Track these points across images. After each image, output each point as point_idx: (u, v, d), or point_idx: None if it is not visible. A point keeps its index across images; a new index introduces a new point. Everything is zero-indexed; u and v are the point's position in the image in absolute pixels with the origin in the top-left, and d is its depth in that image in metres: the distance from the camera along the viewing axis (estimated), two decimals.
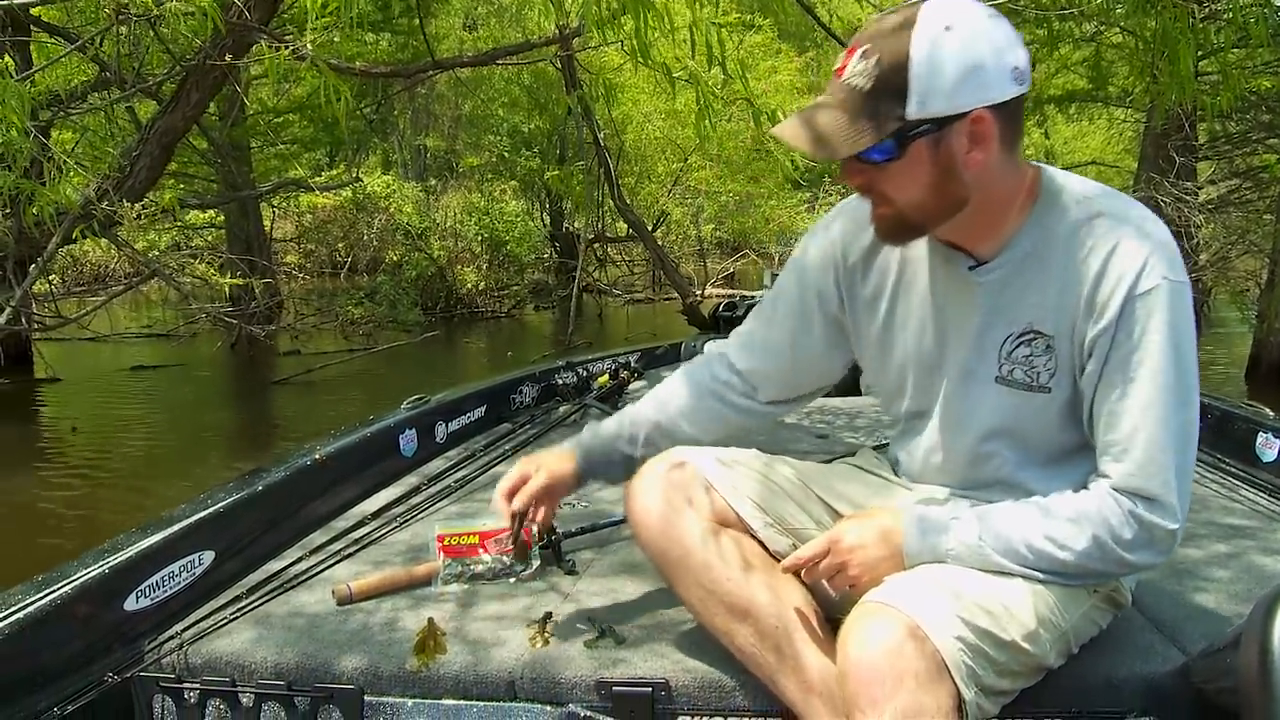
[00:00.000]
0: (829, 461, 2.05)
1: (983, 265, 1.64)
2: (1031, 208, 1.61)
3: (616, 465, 1.99)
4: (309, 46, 3.75)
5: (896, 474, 1.93)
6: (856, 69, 1.48)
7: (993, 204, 1.59)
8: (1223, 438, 3.24)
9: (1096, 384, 1.56)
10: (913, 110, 1.46)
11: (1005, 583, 1.54)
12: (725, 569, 1.73)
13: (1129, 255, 1.52)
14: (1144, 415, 1.52)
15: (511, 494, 1.94)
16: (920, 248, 1.74)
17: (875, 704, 1.38)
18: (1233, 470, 3.08)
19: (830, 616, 1.79)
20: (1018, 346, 1.63)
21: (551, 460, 1.98)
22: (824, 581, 1.68)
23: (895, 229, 1.61)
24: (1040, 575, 1.56)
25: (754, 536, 1.80)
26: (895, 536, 1.60)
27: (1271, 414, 3.15)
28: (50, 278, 9.05)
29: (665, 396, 2.00)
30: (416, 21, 9.47)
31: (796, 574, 1.77)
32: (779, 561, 1.77)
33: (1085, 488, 1.60)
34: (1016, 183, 1.60)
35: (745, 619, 1.71)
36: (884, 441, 2.07)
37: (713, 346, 2.05)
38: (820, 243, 1.88)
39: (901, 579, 1.55)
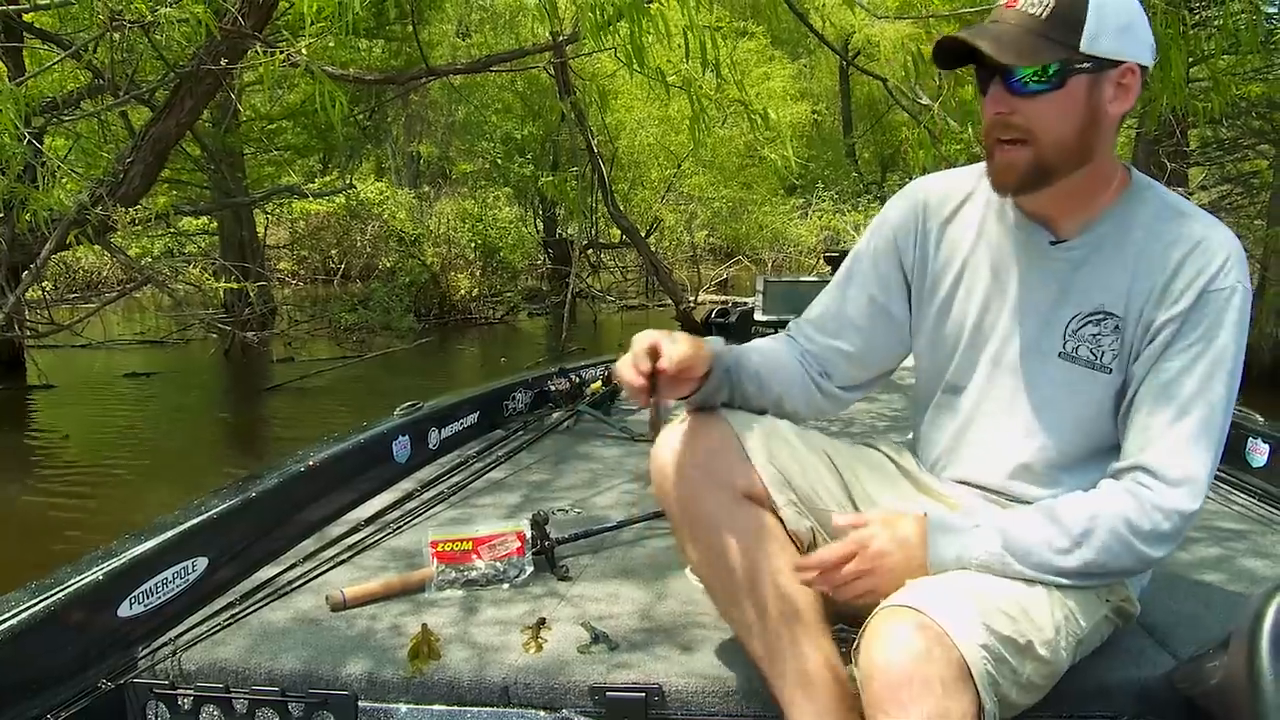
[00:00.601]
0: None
1: (1064, 242, 1.69)
2: (1121, 195, 1.68)
3: (724, 384, 1.83)
4: (304, 53, 3.75)
5: (918, 462, 1.94)
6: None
7: (1098, 174, 1.66)
8: None
9: (1151, 365, 1.61)
10: (1084, 44, 1.54)
11: (1028, 590, 1.55)
12: (741, 542, 1.72)
13: (1210, 253, 1.59)
14: (1193, 401, 1.57)
15: (652, 354, 1.67)
16: (1000, 222, 1.78)
17: (903, 707, 1.38)
18: (1222, 475, 3.09)
19: (841, 612, 1.80)
20: (1085, 325, 1.68)
21: (682, 336, 1.74)
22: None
23: (1025, 173, 1.62)
24: (1064, 581, 1.57)
25: (775, 513, 1.78)
26: (920, 549, 1.59)
27: (1261, 419, 3.17)
28: (43, 284, 9.04)
29: (767, 350, 1.93)
30: (410, 28, 9.48)
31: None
32: (794, 541, 1.77)
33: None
34: (1115, 162, 1.68)
35: (752, 596, 1.71)
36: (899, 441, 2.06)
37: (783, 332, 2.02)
38: (901, 206, 1.91)
39: (926, 583, 1.55)
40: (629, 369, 1.67)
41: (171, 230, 9.72)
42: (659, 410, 1.71)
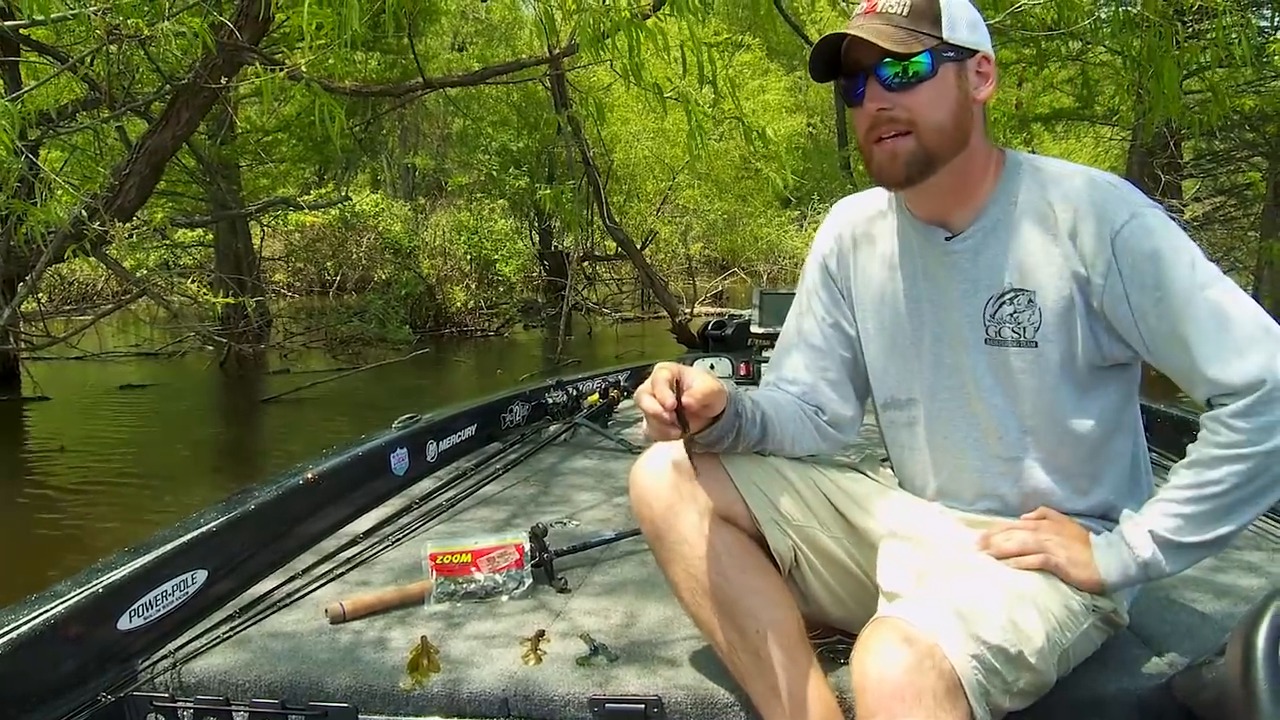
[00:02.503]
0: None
1: (957, 236, 1.74)
2: (999, 180, 1.73)
3: (733, 427, 1.77)
4: (303, 67, 3.77)
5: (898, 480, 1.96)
6: (891, 2, 1.64)
7: (975, 161, 1.71)
8: None
9: (1140, 330, 1.62)
10: (946, 33, 1.63)
11: (1015, 600, 1.56)
12: (718, 564, 1.75)
13: (1095, 202, 1.63)
14: (1195, 322, 1.57)
15: (674, 385, 1.63)
16: (905, 232, 1.82)
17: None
18: None
19: (821, 624, 1.83)
20: (1001, 306, 1.71)
21: (701, 372, 1.69)
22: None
23: (910, 160, 1.65)
24: (1231, 527, 1.59)
25: (757, 531, 1.80)
26: (1084, 546, 1.66)
27: None
28: (38, 296, 9.02)
29: (767, 396, 1.92)
30: (406, 40, 9.50)
31: (791, 582, 1.81)
32: (775, 562, 1.79)
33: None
34: (989, 149, 1.74)
35: (729, 617, 1.73)
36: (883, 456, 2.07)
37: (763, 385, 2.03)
38: (826, 231, 1.97)
39: (917, 597, 1.57)
40: (652, 400, 1.63)
41: (167, 242, 9.73)
42: (691, 446, 1.67)
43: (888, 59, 1.62)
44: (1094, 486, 1.76)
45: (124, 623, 2.04)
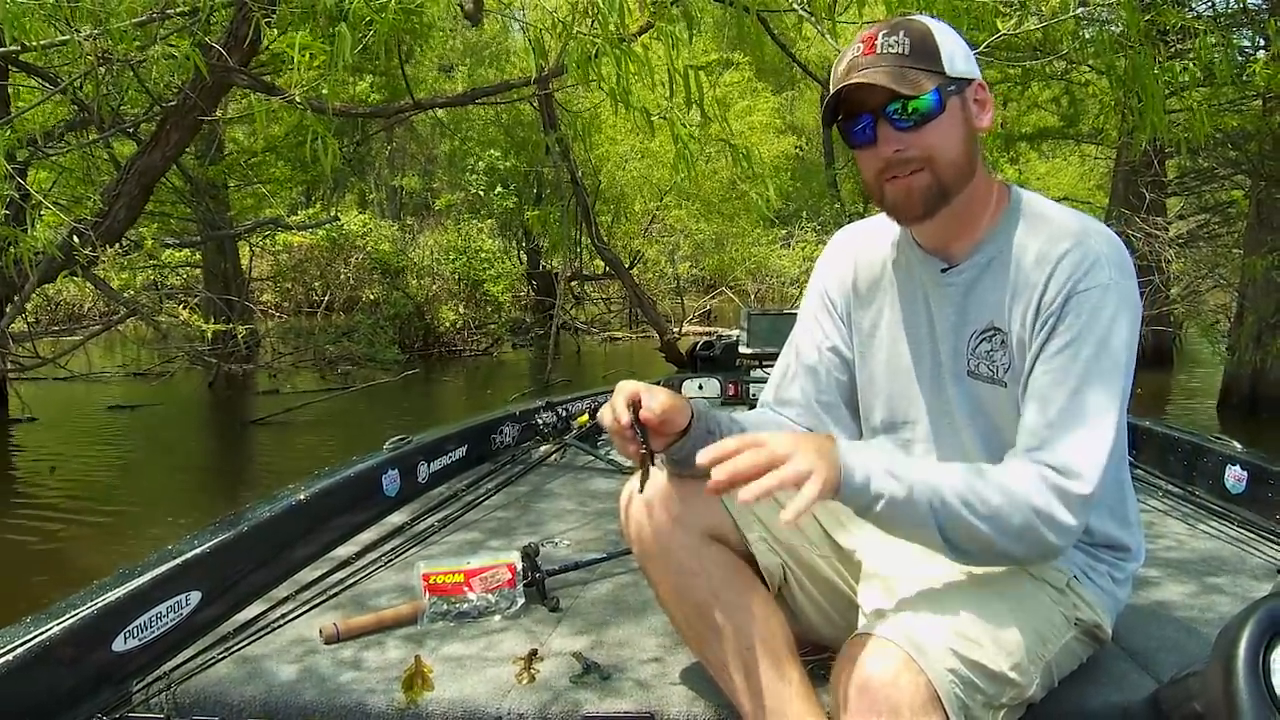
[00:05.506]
0: None
1: (954, 268, 1.75)
2: (1001, 216, 1.74)
3: (704, 442, 1.65)
4: (297, 96, 3.79)
5: None
6: (889, 42, 1.64)
7: (977, 192, 1.72)
8: (1193, 470, 3.30)
9: (1030, 370, 1.64)
10: (947, 67, 1.64)
11: (995, 615, 1.57)
12: (708, 583, 1.77)
13: (1077, 258, 1.63)
14: (1062, 392, 1.58)
15: (633, 404, 1.66)
16: (907, 260, 1.84)
17: None
18: (1203, 502, 3.14)
19: (811, 642, 1.85)
20: (981, 342, 1.73)
21: (661, 389, 1.71)
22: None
23: (927, 196, 1.67)
24: (952, 544, 1.56)
25: (746, 550, 1.82)
26: (831, 449, 1.53)
27: (1240, 447, 3.21)
28: (25, 316, 8.99)
29: (759, 418, 1.96)
30: (396, 62, 9.53)
31: (781, 600, 1.83)
32: (764, 580, 1.81)
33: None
34: (989, 179, 1.75)
35: (719, 635, 1.75)
36: None
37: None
38: (827, 260, 2.00)
39: (895, 614, 1.57)
40: (608, 414, 1.67)
41: (155, 262, 9.72)
42: (648, 460, 1.67)
43: (897, 100, 1.61)
44: None
45: (119, 644, 2.05)
